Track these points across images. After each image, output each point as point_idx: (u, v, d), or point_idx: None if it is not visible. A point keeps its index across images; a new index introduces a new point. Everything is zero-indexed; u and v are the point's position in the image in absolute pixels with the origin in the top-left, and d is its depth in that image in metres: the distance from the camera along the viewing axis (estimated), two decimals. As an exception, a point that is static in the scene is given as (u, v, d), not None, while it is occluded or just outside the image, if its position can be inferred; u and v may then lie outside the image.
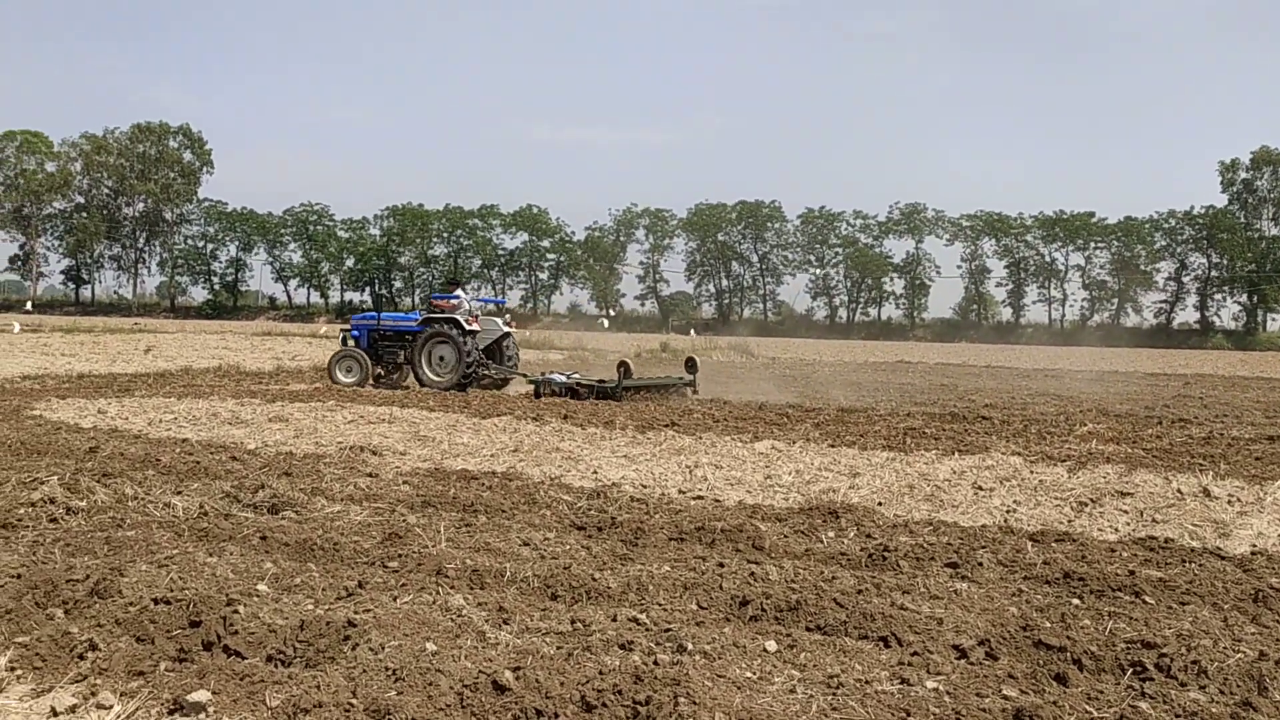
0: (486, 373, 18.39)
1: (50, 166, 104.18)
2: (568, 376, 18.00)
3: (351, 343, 19.09)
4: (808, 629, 4.51)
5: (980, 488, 8.38)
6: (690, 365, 19.54)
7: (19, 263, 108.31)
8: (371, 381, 18.39)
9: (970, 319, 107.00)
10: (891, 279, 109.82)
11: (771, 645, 4.17)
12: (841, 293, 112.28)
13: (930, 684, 3.81)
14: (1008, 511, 7.41)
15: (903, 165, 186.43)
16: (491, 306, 20.91)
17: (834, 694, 3.68)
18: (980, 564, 5.65)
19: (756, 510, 7.23)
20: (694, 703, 3.42)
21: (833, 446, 10.98)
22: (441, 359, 18.15)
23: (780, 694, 3.68)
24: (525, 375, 19.18)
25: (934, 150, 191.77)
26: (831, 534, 6.47)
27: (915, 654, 4.13)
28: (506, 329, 19.20)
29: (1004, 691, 3.74)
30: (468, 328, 18.02)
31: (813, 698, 3.64)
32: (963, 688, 3.77)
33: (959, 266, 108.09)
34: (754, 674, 3.87)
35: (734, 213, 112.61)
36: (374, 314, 19.64)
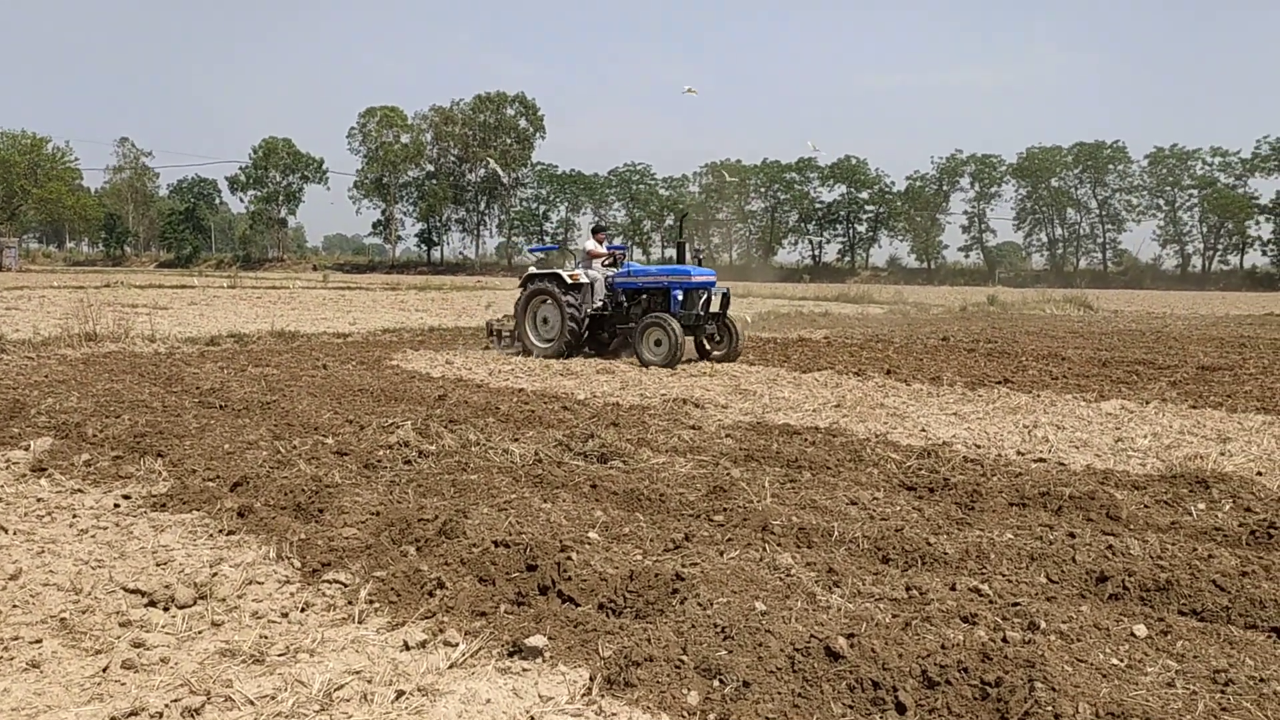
0: None
1: (405, 138, 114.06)
2: None
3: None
4: (1181, 613, 3.97)
5: (1389, 460, 7.16)
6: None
7: (380, 227, 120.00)
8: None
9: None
10: (1258, 223, 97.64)
11: (1141, 629, 3.68)
12: (1195, 239, 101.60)
13: (1347, 689, 3.21)
14: None
15: (1273, 92, 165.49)
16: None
17: (1223, 692, 3.16)
18: (1399, 551, 4.77)
19: (1109, 476, 6.55)
20: (1053, 689, 3.05)
21: (1194, 408, 9.85)
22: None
23: (1155, 686, 3.21)
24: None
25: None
26: (1202, 506, 5.72)
27: (1322, 652, 3.50)
28: None
29: None
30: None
31: (1196, 695, 3.14)
32: (1391, 698, 3.15)
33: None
34: (1121, 661, 3.42)
35: (1070, 155, 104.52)
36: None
